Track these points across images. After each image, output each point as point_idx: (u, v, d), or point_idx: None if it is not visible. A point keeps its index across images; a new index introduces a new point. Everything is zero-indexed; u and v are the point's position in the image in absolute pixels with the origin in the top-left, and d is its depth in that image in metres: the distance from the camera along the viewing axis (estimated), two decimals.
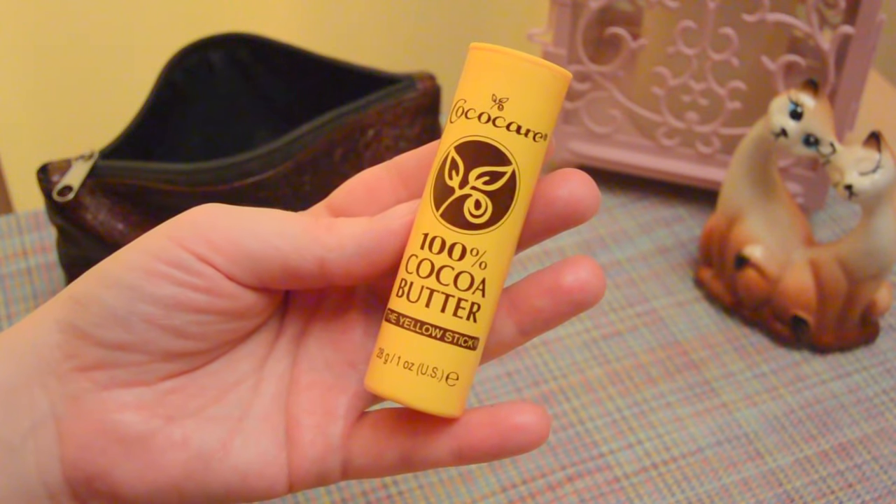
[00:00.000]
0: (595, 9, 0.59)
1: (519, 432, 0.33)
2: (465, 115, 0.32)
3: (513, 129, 0.31)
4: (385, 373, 0.32)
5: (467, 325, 0.32)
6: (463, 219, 0.31)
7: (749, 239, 0.56)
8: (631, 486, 0.51)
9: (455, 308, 0.32)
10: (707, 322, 0.59)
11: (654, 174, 0.64)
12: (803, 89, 0.51)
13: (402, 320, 0.32)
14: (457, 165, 0.31)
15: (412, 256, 0.32)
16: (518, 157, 0.31)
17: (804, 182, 0.62)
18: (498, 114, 0.31)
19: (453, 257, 0.31)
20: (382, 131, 0.57)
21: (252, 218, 0.33)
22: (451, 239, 0.31)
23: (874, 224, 0.51)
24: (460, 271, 0.31)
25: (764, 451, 0.52)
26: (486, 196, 0.31)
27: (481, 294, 0.32)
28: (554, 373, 0.56)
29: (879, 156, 0.50)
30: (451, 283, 0.31)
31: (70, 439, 0.32)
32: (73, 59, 0.83)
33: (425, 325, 0.32)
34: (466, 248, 0.31)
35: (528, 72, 0.31)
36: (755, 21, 0.56)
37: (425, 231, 0.32)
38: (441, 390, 0.32)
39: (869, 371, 0.56)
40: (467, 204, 0.31)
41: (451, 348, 0.32)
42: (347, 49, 0.75)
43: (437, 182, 0.32)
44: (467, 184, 0.31)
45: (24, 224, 0.62)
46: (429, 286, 0.31)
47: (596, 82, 0.63)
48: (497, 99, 0.31)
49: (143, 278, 0.32)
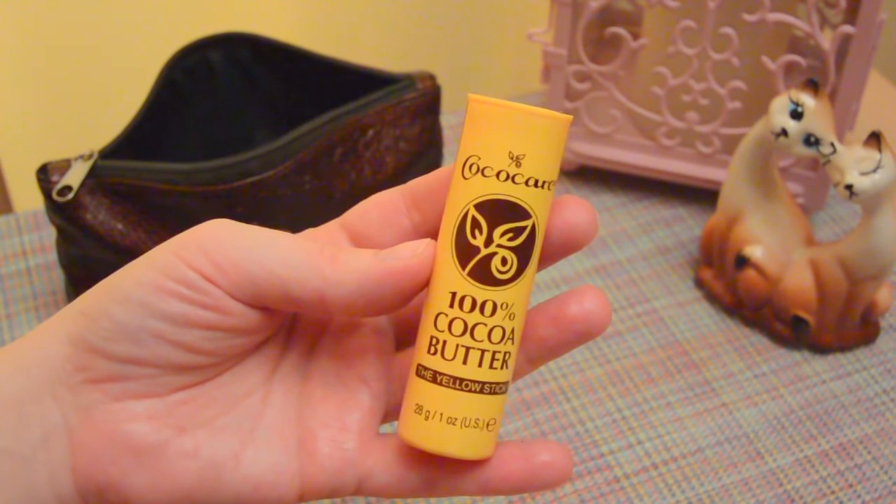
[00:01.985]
0: (595, 8, 0.59)
1: (547, 469, 0.34)
2: (481, 172, 0.32)
3: (531, 184, 0.32)
4: (429, 429, 0.33)
5: (502, 374, 0.33)
6: (491, 277, 0.32)
7: (749, 239, 0.56)
8: (631, 486, 0.51)
9: (490, 361, 0.33)
10: (707, 322, 0.58)
11: (654, 174, 0.64)
12: (804, 89, 0.51)
13: (440, 378, 0.33)
14: (479, 224, 0.32)
15: (441, 314, 0.33)
16: (536, 209, 0.32)
17: (804, 182, 0.62)
18: (516, 171, 0.32)
19: (485, 314, 0.32)
20: (382, 131, 0.57)
21: (257, 241, 0.33)
22: (481, 297, 0.32)
23: (874, 224, 0.51)
24: (493, 326, 0.32)
25: (764, 451, 0.52)
26: (512, 252, 0.32)
27: (511, 342, 0.33)
28: (554, 373, 0.55)
29: (880, 156, 0.49)
30: (485, 339, 0.32)
31: (82, 450, 0.33)
32: (73, 60, 0.82)
33: (465, 382, 0.33)
34: (497, 303, 0.32)
35: (541, 126, 0.32)
36: (755, 21, 0.56)
37: (452, 290, 0.32)
38: (483, 438, 0.33)
39: (869, 371, 0.56)
40: (494, 262, 0.32)
41: (489, 398, 0.33)
42: (347, 49, 0.75)
43: (459, 240, 0.32)
44: (492, 242, 0.32)
45: (24, 224, 0.62)
46: (464, 344, 0.32)
47: (596, 82, 0.63)
48: (514, 156, 0.32)
49: (153, 294, 0.32)
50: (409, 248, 0.33)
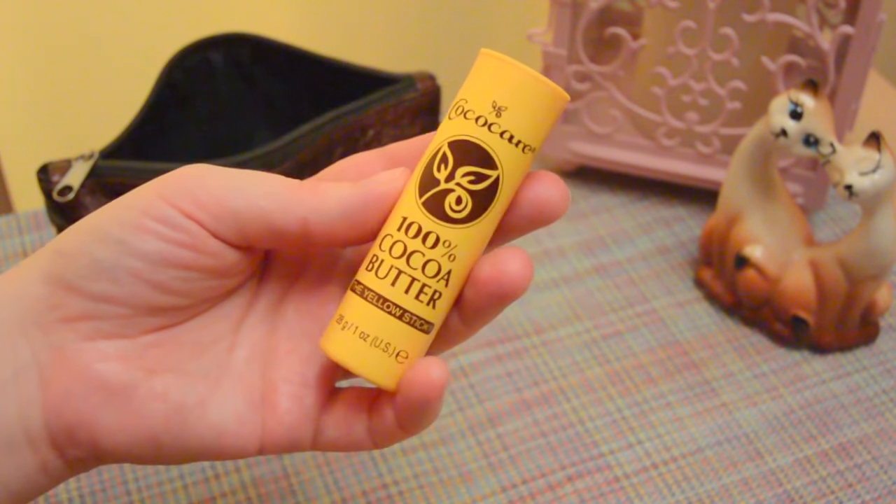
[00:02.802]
0: (595, 9, 0.59)
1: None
2: (463, 114, 0.33)
3: (505, 137, 0.32)
4: (340, 338, 0.33)
5: (426, 310, 0.33)
6: (442, 211, 0.33)
7: (749, 239, 0.56)
8: (631, 486, 0.51)
9: (418, 292, 0.33)
10: (707, 322, 0.59)
11: (654, 174, 0.64)
12: (803, 89, 0.51)
13: (367, 293, 0.33)
14: (447, 160, 0.33)
15: (387, 236, 0.33)
16: (505, 164, 0.33)
17: (804, 182, 0.62)
18: (495, 120, 0.32)
19: (426, 244, 0.33)
20: (382, 131, 0.57)
21: (239, 178, 0.33)
22: (427, 227, 0.33)
23: (874, 224, 0.51)
24: (430, 259, 0.33)
25: (764, 451, 0.52)
26: (469, 194, 0.33)
27: (445, 283, 0.33)
28: (554, 373, 0.56)
29: (879, 156, 0.50)
30: (419, 268, 0.33)
31: (52, 387, 0.33)
32: (73, 60, 0.83)
33: (387, 302, 0.33)
34: (440, 238, 0.33)
35: (530, 86, 0.32)
36: (755, 21, 0.56)
37: (404, 215, 0.33)
38: (388, 365, 0.33)
39: (869, 371, 0.56)
40: (449, 198, 0.33)
41: (407, 328, 0.33)
42: (347, 49, 0.75)
43: (425, 172, 0.33)
44: (453, 179, 0.33)
45: (24, 224, 0.62)
46: (398, 266, 0.33)
47: (596, 82, 0.63)
48: (497, 106, 0.32)
49: (131, 233, 0.32)
50: (389, 173, 0.34)
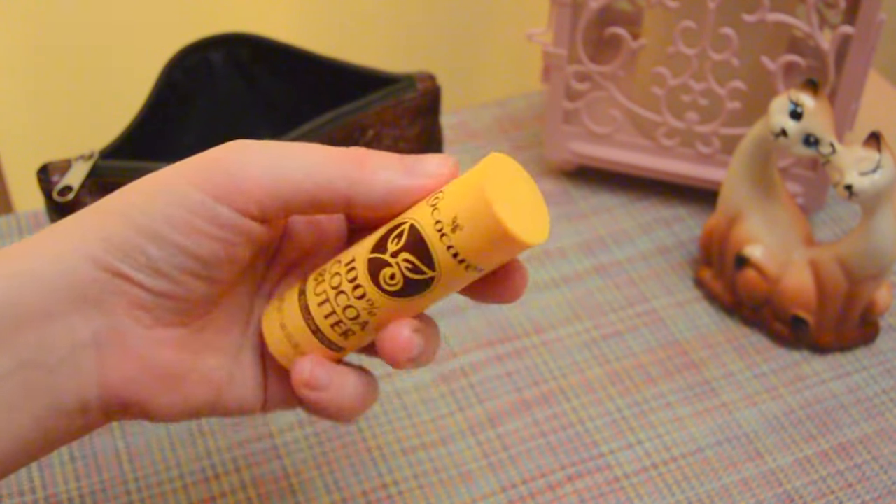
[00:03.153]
0: (595, 9, 0.59)
1: None
2: (434, 208, 0.34)
3: (451, 252, 0.33)
4: (269, 316, 0.37)
5: (338, 338, 0.37)
6: (377, 276, 0.35)
7: (749, 239, 0.56)
8: (631, 486, 0.51)
9: (335, 322, 0.36)
10: (707, 322, 0.59)
11: (654, 174, 0.64)
12: (803, 89, 0.51)
13: (301, 296, 0.37)
14: (401, 237, 0.34)
15: (337, 262, 0.36)
16: (444, 272, 0.34)
17: (804, 182, 0.62)
18: (448, 233, 0.33)
19: (355, 293, 0.35)
20: (382, 131, 0.57)
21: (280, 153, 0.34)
22: (361, 280, 0.35)
23: (874, 224, 0.51)
24: (352, 305, 0.35)
25: (764, 450, 0.52)
26: (402, 277, 0.34)
27: (360, 328, 0.36)
28: (554, 373, 0.56)
29: (879, 156, 0.50)
30: (341, 307, 0.36)
31: (112, 370, 0.34)
32: (74, 60, 0.82)
33: (310, 317, 0.36)
34: (367, 295, 0.35)
35: (493, 229, 0.32)
36: (755, 21, 0.56)
37: (354, 256, 0.36)
38: (292, 354, 0.37)
39: (869, 371, 0.56)
40: (386, 270, 0.35)
41: (317, 342, 0.37)
42: (347, 49, 0.75)
43: (385, 236, 0.35)
44: (396, 257, 0.34)
45: (24, 224, 0.62)
46: (328, 295, 0.36)
47: (596, 82, 0.63)
48: (455, 223, 0.33)
49: (187, 237, 0.33)
50: (434, 164, 0.35)
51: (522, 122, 0.71)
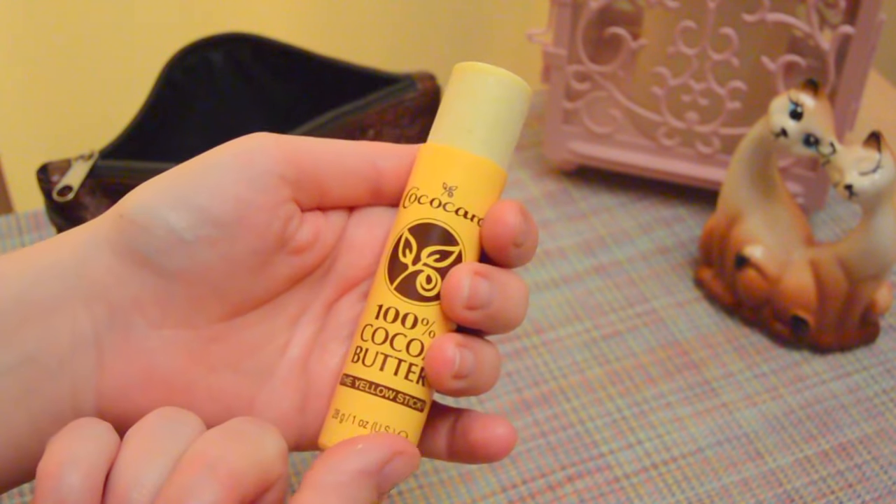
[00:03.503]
0: (595, 9, 0.59)
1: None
2: (417, 200, 0.34)
3: (460, 214, 0.34)
4: (341, 430, 0.34)
5: (416, 388, 0.34)
6: (415, 292, 0.34)
7: (749, 239, 0.56)
8: (631, 486, 0.51)
9: (406, 372, 0.34)
10: (707, 322, 0.58)
11: (654, 174, 0.64)
12: (803, 89, 0.51)
13: (358, 383, 0.34)
14: (410, 244, 0.34)
15: (367, 326, 0.34)
16: (464, 238, 0.34)
17: (804, 182, 0.62)
18: (448, 199, 0.34)
19: (406, 326, 0.34)
20: (382, 131, 0.57)
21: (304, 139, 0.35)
22: (404, 309, 0.34)
23: (874, 224, 0.51)
24: (412, 339, 0.34)
25: (764, 451, 0.52)
26: (437, 272, 0.34)
27: None
28: (554, 373, 0.55)
29: (879, 156, 0.50)
30: (403, 350, 0.34)
31: (111, 373, 0.32)
32: (73, 59, 0.82)
33: (379, 387, 0.34)
34: (418, 317, 0.34)
35: (475, 166, 0.34)
36: (755, 21, 0.56)
37: (380, 303, 0.34)
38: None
39: (869, 371, 0.56)
40: (419, 279, 0.34)
41: (402, 409, 0.34)
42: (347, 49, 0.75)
43: (392, 259, 0.34)
44: (420, 261, 0.34)
45: (24, 224, 0.62)
46: (383, 352, 0.34)
47: (596, 82, 0.63)
48: (447, 187, 0.34)
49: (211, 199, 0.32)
50: None
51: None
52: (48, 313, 0.32)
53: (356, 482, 0.30)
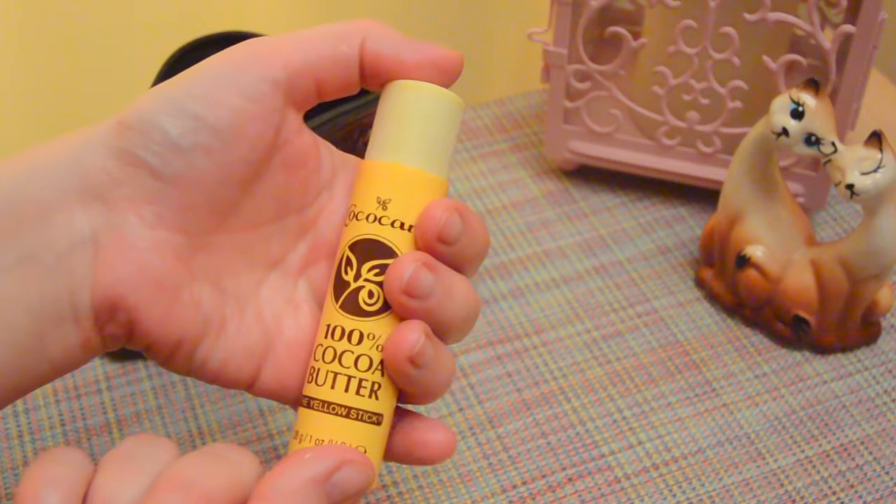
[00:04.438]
0: (596, 8, 0.59)
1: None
2: (355, 217, 0.35)
3: (396, 226, 0.35)
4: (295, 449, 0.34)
5: (370, 403, 0.34)
6: (359, 308, 0.34)
7: (750, 239, 0.56)
8: (631, 486, 0.50)
9: (357, 388, 0.34)
10: (708, 322, 0.58)
11: (654, 174, 0.64)
12: (804, 88, 0.51)
13: (313, 403, 0.35)
14: (351, 262, 0.35)
15: (318, 346, 0.35)
16: (403, 249, 0.35)
17: (805, 182, 0.62)
18: (383, 213, 0.35)
19: (352, 342, 0.34)
20: None
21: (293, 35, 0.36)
22: (349, 326, 0.34)
23: (876, 224, 0.51)
24: (360, 354, 0.34)
25: (765, 451, 0.52)
26: (378, 286, 0.34)
27: (380, 374, 0.35)
28: (554, 373, 0.55)
29: (881, 155, 0.49)
30: (352, 366, 0.34)
31: (106, 269, 0.33)
32: (72, 59, 0.82)
33: (332, 405, 0.34)
34: (364, 333, 0.34)
35: (404, 176, 0.35)
36: (756, 20, 0.56)
37: (328, 322, 0.35)
38: None
39: (870, 371, 0.56)
40: (361, 294, 0.34)
41: (357, 424, 0.34)
42: None
43: (336, 278, 0.35)
44: (360, 277, 0.35)
45: None
46: (333, 370, 0.34)
47: (596, 82, 0.63)
48: (381, 201, 0.35)
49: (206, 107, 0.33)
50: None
51: (522, 122, 0.71)
52: (44, 212, 0.32)
53: (304, 490, 0.30)
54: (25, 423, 0.52)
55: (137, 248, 0.33)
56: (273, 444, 0.51)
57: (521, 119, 0.71)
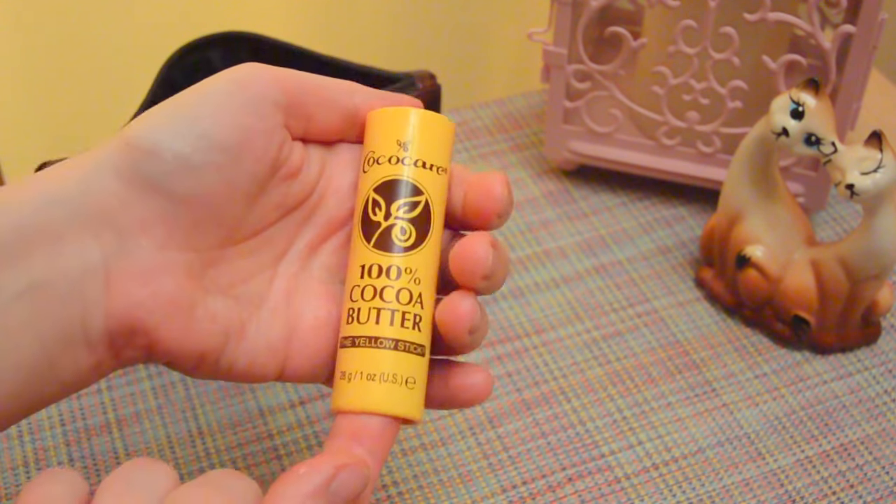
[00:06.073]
0: (596, 8, 0.59)
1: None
2: (376, 162, 0.37)
3: (419, 165, 0.37)
4: (351, 389, 0.35)
5: (414, 335, 0.36)
6: (393, 244, 0.36)
7: (750, 239, 0.56)
8: (632, 486, 0.50)
9: (402, 320, 0.36)
10: (708, 322, 0.58)
11: (655, 173, 0.64)
12: (804, 88, 0.51)
13: (358, 341, 0.36)
14: (378, 203, 0.36)
15: (354, 287, 0.36)
16: (428, 187, 0.37)
17: (805, 182, 0.62)
18: (404, 154, 0.37)
19: (391, 278, 0.36)
20: None
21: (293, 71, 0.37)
22: (386, 263, 0.36)
23: (876, 224, 0.51)
24: (400, 288, 0.36)
25: (765, 451, 0.52)
26: (409, 223, 0.36)
27: (420, 306, 0.36)
28: (554, 373, 0.55)
29: (881, 155, 0.49)
30: (394, 300, 0.36)
31: (120, 295, 0.33)
32: (72, 59, 0.82)
33: (379, 340, 0.35)
34: (401, 268, 0.36)
35: (421, 119, 0.37)
36: (756, 20, 0.56)
37: (362, 263, 0.36)
38: (404, 394, 0.35)
39: (870, 371, 0.56)
40: (394, 231, 0.36)
41: (405, 356, 0.36)
42: (347, 48, 0.75)
43: (364, 220, 0.37)
44: (391, 216, 0.36)
45: None
46: (375, 306, 0.36)
47: (596, 81, 0.63)
48: (401, 143, 0.37)
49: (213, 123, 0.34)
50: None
51: (522, 122, 0.71)
52: (54, 240, 0.33)
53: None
54: (25, 422, 0.52)
55: (150, 271, 0.34)
56: (273, 444, 0.51)
57: (521, 119, 0.71)
